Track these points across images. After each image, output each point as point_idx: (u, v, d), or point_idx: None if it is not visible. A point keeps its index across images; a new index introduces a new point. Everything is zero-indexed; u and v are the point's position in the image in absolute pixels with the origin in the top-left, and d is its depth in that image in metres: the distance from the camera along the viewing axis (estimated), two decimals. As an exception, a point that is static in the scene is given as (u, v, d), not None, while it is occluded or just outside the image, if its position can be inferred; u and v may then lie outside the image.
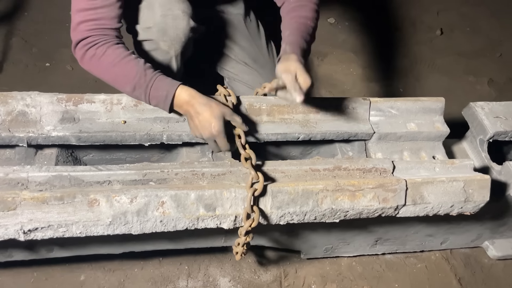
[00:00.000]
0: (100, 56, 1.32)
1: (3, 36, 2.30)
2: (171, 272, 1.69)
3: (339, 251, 1.78)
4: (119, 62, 1.31)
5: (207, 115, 1.30)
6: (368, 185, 1.33)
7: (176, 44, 1.50)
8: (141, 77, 1.30)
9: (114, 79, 1.34)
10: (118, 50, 1.33)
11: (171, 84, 1.32)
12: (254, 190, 1.23)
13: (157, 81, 1.31)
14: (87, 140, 1.36)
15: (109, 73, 1.34)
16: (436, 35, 3.01)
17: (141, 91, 1.31)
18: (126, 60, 1.32)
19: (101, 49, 1.32)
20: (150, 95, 1.31)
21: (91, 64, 1.34)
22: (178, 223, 1.23)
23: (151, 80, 1.30)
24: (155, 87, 1.31)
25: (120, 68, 1.32)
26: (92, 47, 1.32)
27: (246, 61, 1.85)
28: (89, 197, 1.15)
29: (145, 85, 1.30)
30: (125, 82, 1.33)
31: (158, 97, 1.31)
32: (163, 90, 1.30)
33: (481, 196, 1.42)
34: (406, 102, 1.63)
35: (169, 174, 1.27)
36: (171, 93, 1.31)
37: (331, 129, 1.54)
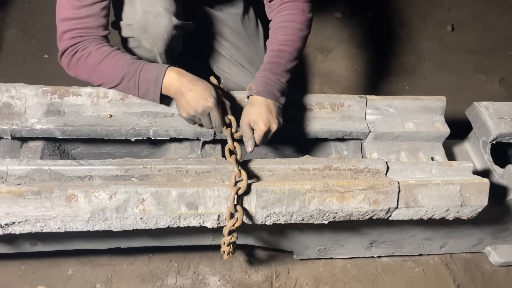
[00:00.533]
0: (86, 57, 1.29)
1: (1, 26, 2.29)
2: (160, 269, 1.67)
3: (333, 253, 1.73)
4: (105, 59, 1.29)
5: (201, 88, 1.26)
6: (358, 186, 1.28)
7: (158, 42, 1.46)
8: (129, 65, 1.28)
9: (102, 76, 1.31)
10: (104, 47, 1.31)
11: (160, 66, 1.29)
12: (238, 189, 1.19)
13: (146, 66, 1.29)
14: (72, 133, 1.34)
15: (96, 72, 1.31)
16: (447, 31, 2.92)
17: (130, 78, 1.28)
18: (112, 55, 1.30)
19: (86, 50, 1.30)
20: (140, 80, 1.28)
21: (78, 67, 1.32)
22: (159, 221, 1.20)
23: (139, 66, 1.28)
24: (145, 70, 1.28)
25: (107, 63, 1.29)
26: (78, 51, 1.30)
27: (242, 63, 1.80)
28: (67, 192, 1.13)
29: (134, 71, 1.27)
30: (113, 75, 1.30)
31: (148, 80, 1.28)
32: (153, 72, 1.27)
33: (478, 201, 1.36)
34: (404, 101, 1.57)
35: (152, 170, 1.24)
36: (162, 72, 1.27)
37: (324, 127, 1.49)
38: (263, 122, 1.28)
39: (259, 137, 1.29)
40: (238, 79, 1.84)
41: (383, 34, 2.80)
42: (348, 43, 2.69)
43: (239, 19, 1.80)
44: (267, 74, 1.35)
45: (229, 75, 1.84)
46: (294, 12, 1.43)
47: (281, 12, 1.45)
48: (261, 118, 1.28)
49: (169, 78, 1.28)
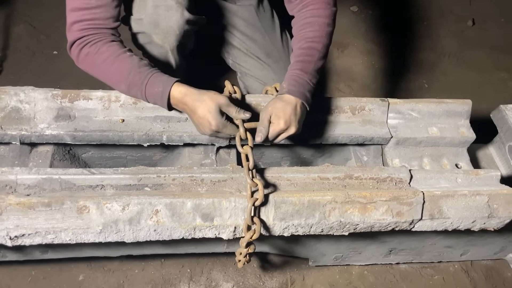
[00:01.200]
0: (94, 54, 1.24)
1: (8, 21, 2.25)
2: (172, 275, 1.63)
3: (350, 260, 1.68)
4: (114, 60, 1.23)
5: (202, 112, 1.21)
6: (381, 198, 1.22)
7: (169, 37, 1.40)
8: (135, 74, 1.22)
9: (109, 77, 1.26)
10: (113, 47, 1.25)
11: (166, 81, 1.23)
12: (255, 200, 1.13)
13: (152, 78, 1.22)
14: (83, 139, 1.29)
15: (103, 72, 1.26)
16: (467, 26, 2.82)
17: (137, 89, 1.23)
18: (120, 58, 1.24)
19: (94, 46, 1.25)
20: (146, 93, 1.23)
21: (85, 63, 1.27)
22: (173, 233, 1.15)
23: (146, 77, 1.22)
24: (150, 84, 1.22)
25: (114, 66, 1.24)
26: (86, 45, 1.25)
27: (258, 56, 1.74)
28: (78, 203, 1.08)
29: (140, 83, 1.22)
30: (119, 80, 1.25)
31: (154, 94, 1.22)
32: (158, 87, 1.22)
33: (507, 212, 1.29)
34: (428, 105, 1.50)
35: (166, 179, 1.19)
36: (167, 90, 1.22)
37: (344, 132, 1.43)
38: (284, 120, 1.23)
39: (274, 132, 1.24)
40: (255, 73, 1.78)
41: (400, 29, 2.71)
42: (364, 38, 2.61)
43: (254, 10, 1.74)
44: (299, 73, 1.29)
45: (246, 68, 1.78)
46: (320, 7, 1.36)
47: (306, 7, 1.37)
48: (284, 116, 1.22)
49: (173, 98, 1.23)
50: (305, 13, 1.37)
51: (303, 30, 1.36)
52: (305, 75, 1.29)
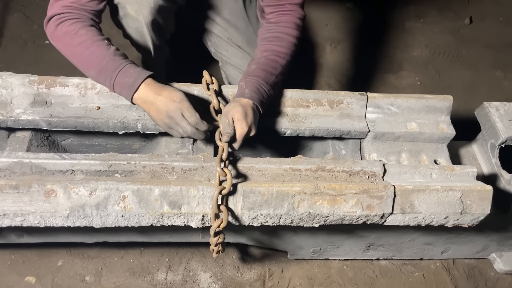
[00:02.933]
0: (71, 35, 1.25)
1: (2, 11, 2.27)
2: (151, 264, 1.64)
3: (329, 254, 1.67)
4: (90, 44, 1.24)
5: (167, 92, 1.21)
6: (351, 190, 1.21)
7: (144, 9, 1.41)
8: (109, 61, 1.23)
9: (81, 61, 1.27)
10: (91, 32, 1.26)
11: (141, 72, 1.23)
12: (222, 189, 1.14)
13: (127, 67, 1.23)
14: (58, 125, 1.30)
15: (76, 54, 1.26)
16: (464, 24, 2.79)
17: (106, 75, 1.23)
18: (97, 43, 1.25)
19: (73, 26, 1.26)
20: (115, 81, 1.23)
21: (60, 41, 1.28)
22: (141, 219, 1.16)
23: (120, 65, 1.23)
24: (123, 73, 1.22)
25: (89, 50, 1.24)
26: (64, 21, 1.26)
27: (239, 44, 1.74)
28: (45, 187, 1.09)
29: (112, 70, 1.22)
30: (90, 65, 1.26)
31: (124, 84, 1.22)
32: (130, 78, 1.22)
33: (480, 209, 1.28)
34: (408, 99, 1.49)
35: (136, 166, 1.20)
36: (138, 82, 1.22)
37: (321, 125, 1.42)
38: (246, 123, 1.24)
39: (240, 136, 1.24)
40: (235, 61, 1.78)
41: (396, 26, 2.69)
42: (358, 35, 2.59)
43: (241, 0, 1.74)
44: (261, 82, 1.32)
45: (226, 57, 1.79)
46: (291, 26, 1.42)
47: (277, 24, 1.42)
48: (245, 119, 1.24)
49: (139, 91, 1.23)
50: (276, 28, 1.42)
51: (272, 42, 1.40)
52: (266, 86, 1.32)
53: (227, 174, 1.14)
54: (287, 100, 1.43)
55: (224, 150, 1.20)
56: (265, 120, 1.39)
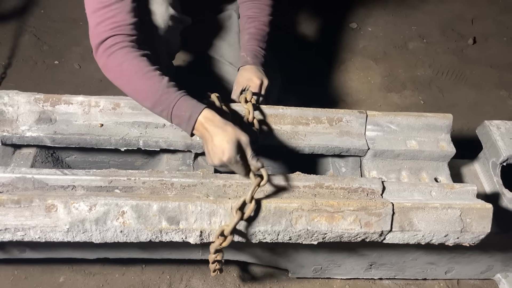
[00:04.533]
0: (124, 67, 1.27)
1: (16, 32, 2.35)
2: (152, 281, 1.64)
3: (330, 273, 1.66)
4: (143, 76, 1.27)
5: (219, 140, 1.18)
6: (349, 207, 1.22)
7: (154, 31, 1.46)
8: (163, 94, 1.25)
9: (136, 92, 1.30)
10: (143, 62, 1.29)
11: (195, 106, 1.25)
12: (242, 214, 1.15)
13: (181, 101, 1.25)
14: (62, 142, 1.33)
15: (131, 85, 1.29)
16: (468, 44, 2.80)
17: (162, 108, 1.26)
18: (150, 75, 1.27)
19: (125, 57, 1.28)
20: (173, 114, 1.26)
21: (114, 72, 1.30)
22: (140, 235, 1.17)
23: (175, 99, 1.25)
24: (178, 106, 1.25)
25: (142, 81, 1.27)
26: (114, 52, 1.27)
27: (231, 61, 1.77)
28: (46, 202, 1.12)
29: (168, 103, 1.25)
30: (146, 97, 1.28)
31: (181, 117, 1.25)
32: (187, 111, 1.24)
33: (480, 227, 1.27)
34: (408, 118, 1.50)
35: (136, 182, 1.22)
36: (195, 116, 1.24)
37: (320, 142, 1.44)
38: (256, 76, 1.51)
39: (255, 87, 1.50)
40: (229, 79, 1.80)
41: (399, 46, 2.72)
42: (362, 55, 2.62)
43: (235, 14, 1.80)
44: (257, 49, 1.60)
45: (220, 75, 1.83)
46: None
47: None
48: (256, 76, 1.52)
49: (198, 122, 1.24)
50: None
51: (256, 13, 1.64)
52: (261, 50, 1.62)
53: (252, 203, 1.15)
54: (286, 117, 1.45)
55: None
56: (265, 138, 1.41)
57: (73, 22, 2.43)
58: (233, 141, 1.18)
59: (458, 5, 3.05)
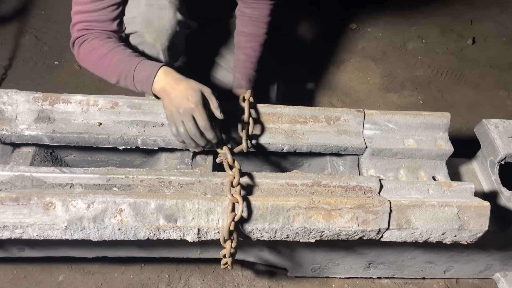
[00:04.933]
0: (90, 52, 1.34)
1: (16, 33, 2.36)
2: (151, 280, 1.65)
3: (329, 272, 1.66)
4: (107, 54, 1.32)
5: (184, 87, 1.23)
6: (346, 205, 1.22)
7: (162, 36, 1.46)
8: (126, 63, 1.30)
9: (103, 70, 1.35)
10: (108, 43, 1.34)
11: (153, 65, 1.29)
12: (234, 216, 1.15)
13: (140, 64, 1.29)
14: (60, 140, 1.34)
15: (98, 67, 1.35)
16: (467, 45, 2.81)
17: (126, 75, 1.30)
18: (114, 51, 1.33)
19: (91, 43, 1.35)
20: (135, 79, 1.29)
21: (84, 60, 1.37)
22: (138, 233, 1.18)
23: (135, 64, 1.29)
24: (138, 69, 1.29)
25: (107, 59, 1.32)
26: (84, 42, 1.36)
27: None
28: (44, 200, 1.12)
29: (129, 70, 1.29)
30: (112, 71, 1.33)
31: (142, 79, 1.28)
32: (146, 71, 1.28)
33: (478, 225, 1.27)
34: (405, 116, 1.50)
35: (134, 180, 1.22)
36: (153, 73, 1.27)
37: (318, 141, 1.44)
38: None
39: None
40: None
41: (399, 46, 2.73)
42: (361, 55, 2.63)
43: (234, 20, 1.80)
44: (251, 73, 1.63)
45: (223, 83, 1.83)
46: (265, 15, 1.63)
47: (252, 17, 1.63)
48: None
49: (157, 77, 1.28)
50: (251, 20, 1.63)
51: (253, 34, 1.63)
52: (254, 74, 1.64)
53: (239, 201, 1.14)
54: (284, 116, 1.45)
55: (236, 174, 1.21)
56: (263, 136, 1.42)
57: (73, 23, 2.44)
58: (197, 88, 1.23)
59: (458, 6, 3.05)
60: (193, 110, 1.23)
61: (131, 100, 1.38)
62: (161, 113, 1.37)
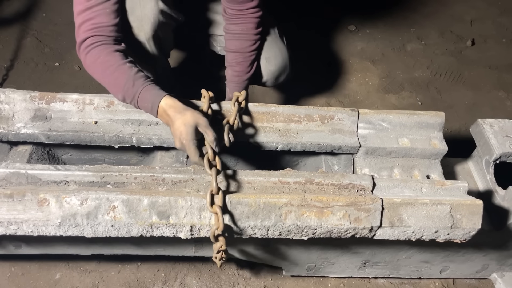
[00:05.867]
0: (97, 62, 1.34)
1: (18, 35, 2.40)
2: (147, 278, 1.66)
3: (324, 271, 1.66)
4: (114, 70, 1.32)
5: (179, 123, 1.25)
6: (338, 202, 1.22)
7: (145, 25, 1.49)
8: (129, 87, 1.30)
9: (109, 86, 1.35)
10: (115, 58, 1.34)
11: (156, 95, 1.29)
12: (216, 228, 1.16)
13: (144, 92, 1.30)
14: (56, 139, 1.36)
15: (104, 81, 1.35)
16: (467, 46, 2.81)
17: (130, 100, 1.32)
18: (120, 69, 1.32)
19: (99, 54, 1.34)
20: (139, 105, 1.32)
21: (91, 68, 1.37)
22: (131, 229, 1.19)
23: (138, 91, 1.30)
24: (142, 98, 1.30)
25: (113, 76, 1.33)
26: (91, 50, 1.34)
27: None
28: (38, 196, 1.14)
29: (133, 96, 1.30)
30: (116, 90, 1.34)
31: (146, 108, 1.31)
32: (149, 102, 1.29)
33: (471, 223, 1.27)
34: (400, 115, 1.51)
35: (128, 178, 1.23)
36: (155, 106, 1.29)
37: (312, 140, 1.45)
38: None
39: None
40: None
41: (397, 48, 2.73)
42: (360, 56, 2.63)
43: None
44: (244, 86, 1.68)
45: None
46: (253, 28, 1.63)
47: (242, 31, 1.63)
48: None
49: (159, 112, 1.30)
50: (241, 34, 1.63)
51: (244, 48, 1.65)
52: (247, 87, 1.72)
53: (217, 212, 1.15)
54: (278, 115, 1.46)
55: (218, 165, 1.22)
56: (257, 135, 1.43)
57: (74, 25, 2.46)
58: (190, 124, 1.24)
59: (457, 8, 3.06)
60: (185, 146, 1.26)
61: (127, 99, 1.40)
62: (156, 112, 1.38)
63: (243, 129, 1.43)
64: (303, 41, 2.66)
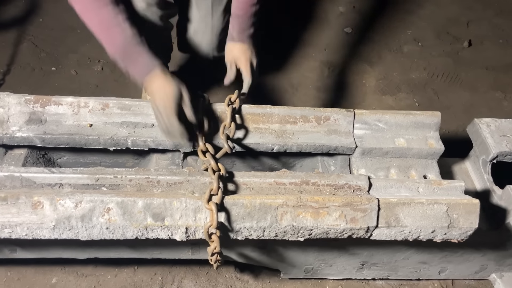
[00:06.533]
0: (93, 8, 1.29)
1: (15, 40, 2.40)
2: (144, 282, 1.65)
3: (322, 273, 1.65)
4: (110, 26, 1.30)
5: (161, 81, 1.28)
6: (334, 203, 1.22)
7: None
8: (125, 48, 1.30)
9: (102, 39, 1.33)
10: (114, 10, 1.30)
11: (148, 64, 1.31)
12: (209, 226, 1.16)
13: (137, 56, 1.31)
14: (51, 142, 1.35)
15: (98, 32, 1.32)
16: (463, 47, 2.81)
17: (122, 63, 1.33)
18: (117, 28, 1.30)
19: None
20: (129, 71, 1.33)
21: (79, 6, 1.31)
22: (126, 232, 1.18)
23: (132, 53, 1.31)
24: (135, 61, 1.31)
25: (108, 32, 1.32)
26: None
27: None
28: (32, 199, 1.13)
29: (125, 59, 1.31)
30: (109, 48, 1.33)
31: (135, 74, 1.32)
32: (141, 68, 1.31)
33: (468, 223, 1.26)
34: (395, 116, 1.51)
35: (123, 180, 1.23)
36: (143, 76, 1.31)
37: (308, 141, 1.44)
38: (244, 57, 1.53)
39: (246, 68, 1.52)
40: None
41: (394, 49, 2.73)
42: (356, 59, 2.64)
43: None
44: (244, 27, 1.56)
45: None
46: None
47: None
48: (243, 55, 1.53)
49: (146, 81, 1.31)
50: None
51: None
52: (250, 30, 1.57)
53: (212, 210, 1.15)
54: (274, 117, 1.46)
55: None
56: (253, 136, 1.43)
57: (71, 30, 2.47)
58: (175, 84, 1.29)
59: (454, 9, 3.06)
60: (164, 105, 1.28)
61: (122, 101, 1.39)
62: (151, 114, 1.38)
63: (239, 131, 1.43)
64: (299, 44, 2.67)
